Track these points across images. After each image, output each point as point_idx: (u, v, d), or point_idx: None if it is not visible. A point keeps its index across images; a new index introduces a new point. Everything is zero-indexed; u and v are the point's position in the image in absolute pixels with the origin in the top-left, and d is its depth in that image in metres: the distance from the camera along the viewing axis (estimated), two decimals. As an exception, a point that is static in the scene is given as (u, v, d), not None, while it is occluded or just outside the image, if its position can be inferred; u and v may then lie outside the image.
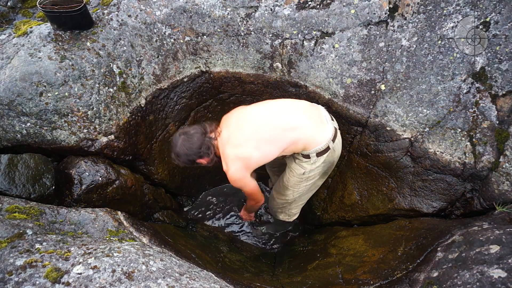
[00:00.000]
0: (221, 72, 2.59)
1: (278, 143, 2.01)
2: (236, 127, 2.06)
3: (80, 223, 1.73)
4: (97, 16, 2.30)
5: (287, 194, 2.41)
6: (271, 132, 2.00)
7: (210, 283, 1.40)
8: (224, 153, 2.06)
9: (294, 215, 2.66)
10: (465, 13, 1.99)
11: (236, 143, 2.02)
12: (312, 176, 2.25)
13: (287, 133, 2.00)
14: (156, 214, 2.66)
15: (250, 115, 2.09)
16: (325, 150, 2.06)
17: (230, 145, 2.03)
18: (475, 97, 2.05)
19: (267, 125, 2.02)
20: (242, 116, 2.10)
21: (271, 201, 2.63)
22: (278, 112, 2.07)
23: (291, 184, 2.32)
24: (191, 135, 2.05)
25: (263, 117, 2.05)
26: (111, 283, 1.22)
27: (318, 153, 2.06)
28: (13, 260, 1.25)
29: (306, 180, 2.27)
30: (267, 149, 2.01)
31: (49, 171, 2.07)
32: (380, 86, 2.24)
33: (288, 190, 2.38)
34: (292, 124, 2.01)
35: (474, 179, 2.11)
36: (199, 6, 2.38)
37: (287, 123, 2.02)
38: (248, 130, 2.02)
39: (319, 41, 2.29)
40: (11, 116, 2.05)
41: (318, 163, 2.13)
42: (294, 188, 2.34)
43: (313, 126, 2.04)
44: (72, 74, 2.09)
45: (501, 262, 1.38)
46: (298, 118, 2.04)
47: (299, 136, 2.01)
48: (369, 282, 1.84)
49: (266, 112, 2.08)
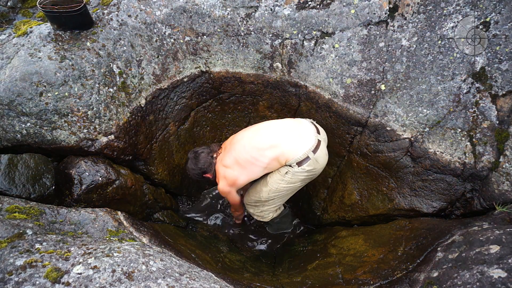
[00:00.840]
0: (221, 72, 2.59)
1: (259, 162, 2.31)
2: (228, 150, 2.42)
3: (80, 223, 1.73)
4: (97, 16, 2.30)
5: (263, 191, 2.50)
6: (252, 153, 2.30)
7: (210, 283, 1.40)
8: (217, 170, 2.47)
9: (267, 216, 2.74)
10: (465, 13, 1.99)
11: (226, 164, 2.39)
12: (293, 180, 2.34)
13: (266, 152, 2.28)
14: (156, 214, 2.66)
15: (238, 139, 2.42)
16: (305, 159, 2.25)
17: (221, 165, 2.43)
18: (475, 97, 2.05)
19: (248, 147, 2.32)
20: (234, 140, 2.44)
21: (245, 196, 2.76)
22: (259, 134, 2.37)
23: (272, 180, 2.41)
24: (199, 154, 2.48)
25: (246, 140, 2.37)
26: (111, 283, 1.22)
27: (298, 162, 2.26)
28: (13, 260, 1.25)
29: (286, 181, 2.35)
30: (251, 170, 2.34)
31: (49, 171, 2.07)
32: (380, 86, 2.24)
33: (265, 187, 2.47)
34: (270, 143, 2.28)
35: (474, 179, 2.11)
36: (199, 6, 2.38)
37: (266, 143, 2.29)
38: (234, 153, 2.36)
39: (319, 41, 2.29)
40: (11, 116, 2.05)
41: (302, 171, 2.29)
42: (272, 185, 2.42)
43: (291, 141, 2.27)
44: (72, 74, 2.09)
45: (501, 262, 1.38)
46: (277, 137, 2.30)
47: (278, 153, 2.27)
48: (369, 282, 1.84)
49: (249, 135, 2.39)
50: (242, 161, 2.33)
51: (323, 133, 2.39)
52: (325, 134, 2.44)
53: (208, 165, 2.47)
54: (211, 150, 2.51)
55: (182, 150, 2.90)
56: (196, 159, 2.47)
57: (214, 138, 3.06)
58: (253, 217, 2.85)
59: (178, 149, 2.85)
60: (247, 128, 2.53)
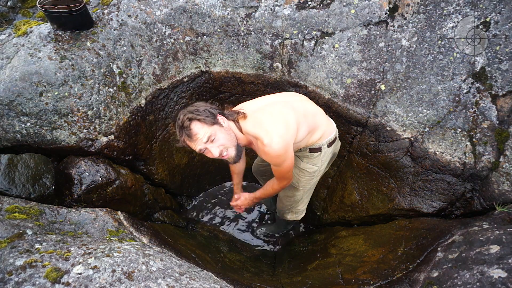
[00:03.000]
0: (221, 72, 2.59)
1: (306, 123, 1.85)
2: (264, 105, 1.86)
3: (80, 223, 1.73)
4: (97, 16, 2.30)
5: (296, 195, 2.35)
6: (300, 111, 1.85)
7: (210, 283, 1.40)
8: (260, 123, 1.77)
9: (301, 213, 2.57)
10: (465, 13, 1.99)
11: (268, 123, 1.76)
12: (321, 170, 2.21)
13: (310, 117, 1.90)
14: (156, 214, 2.66)
15: (267, 102, 1.92)
16: (334, 139, 2.07)
17: (258, 127, 1.77)
18: (475, 97, 2.05)
19: (295, 105, 1.88)
20: (261, 104, 1.90)
21: (278, 204, 2.57)
22: (294, 101, 1.94)
23: (302, 184, 2.25)
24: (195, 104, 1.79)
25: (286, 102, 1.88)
26: (111, 283, 1.21)
27: (329, 143, 2.01)
28: (13, 260, 1.25)
29: (317, 176, 2.23)
30: (301, 125, 1.83)
31: (49, 171, 2.07)
32: (380, 86, 2.24)
33: (298, 191, 2.32)
34: (312, 111, 1.94)
35: (474, 179, 2.11)
36: (199, 6, 2.38)
37: (308, 109, 1.93)
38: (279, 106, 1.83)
39: (319, 41, 2.29)
40: (11, 116, 2.05)
41: (327, 154, 2.08)
42: (304, 187, 2.28)
43: (323, 115, 2.04)
44: (72, 74, 2.09)
45: (501, 262, 1.38)
46: (313, 106, 2.00)
47: (319, 123, 1.94)
48: (369, 282, 1.84)
49: (281, 100, 1.92)
50: (291, 119, 1.77)
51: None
52: None
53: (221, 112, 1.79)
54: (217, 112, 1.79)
55: (182, 150, 2.90)
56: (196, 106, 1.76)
57: (214, 138, 3.05)
58: (286, 218, 2.61)
59: (178, 149, 2.85)
60: (263, 97, 2.02)
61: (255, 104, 1.94)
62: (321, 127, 1.95)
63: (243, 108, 1.90)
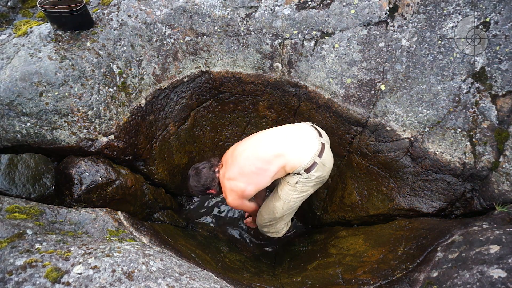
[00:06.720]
0: (221, 72, 2.59)
1: (266, 172, 2.23)
2: (231, 163, 2.34)
3: (80, 223, 1.73)
4: (97, 16, 2.30)
5: (276, 207, 2.45)
6: (257, 164, 2.23)
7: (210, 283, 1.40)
8: (222, 184, 2.39)
9: (282, 231, 2.71)
10: (465, 13, 1.99)
11: (231, 177, 2.31)
12: (304, 189, 2.32)
13: (271, 162, 2.21)
14: (156, 214, 2.66)
15: (239, 151, 2.33)
16: (312, 165, 2.21)
17: (226, 179, 2.33)
18: (475, 97, 2.05)
19: (252, 158, 2.24)
20: (235, 153, 2.35)
21: (258, 217, 2.68)
22: (261, 144, 2.29)
23: (283, 193, 2.37)
24: (200, 170, 2.41)
25: (249, 151, 2.28)
26: (111, 283, 1.22)
27: (306, 169, 2.22)
28: (13, 260, 1.25)
29: (299, 191, 2.33)
30: (258, 180, 2.27)
31: (49, 171, 2.07)
32: (380, 86, 2.24)
33: (278, 202, 2.42)
34: (274, 153, 2.21)
35: (474, 179, 2.11)
36: (199, 6, 2.39)
37: (270, 153, 2.22)
38: (238, 166, 2.27)
39: (319, 41, 2.29)
40: (11, 116, 2.05)
41: (312, 177, 2.25)
42: (285, 198, 2.38)
43: (295, 148, 2.21)
44: (72, 74, 2.09)
45: (501, 262, 1.38)
46: (281, 145, 2.23)
47: (283, 162, 2.21)
48: (369, 282, 1.84)
49: (251, 146, 2.31)
50: (248, 173, 2.25)
51: (325, 136, 2.36)
52: (327, 136, 2.40)
53: (211, 180, 2.39)
54: (212, 165, 2.43)
55: (182, 150, 2.90)
56: (198, 176, 2.39)
57: (214, 138, 3.06)
58: (265, 235, 2.81)
59: (178, 149, 2.85)
60: (247, 138, 2.44)
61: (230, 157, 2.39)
62: (286, 164, 2.22)
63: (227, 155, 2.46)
